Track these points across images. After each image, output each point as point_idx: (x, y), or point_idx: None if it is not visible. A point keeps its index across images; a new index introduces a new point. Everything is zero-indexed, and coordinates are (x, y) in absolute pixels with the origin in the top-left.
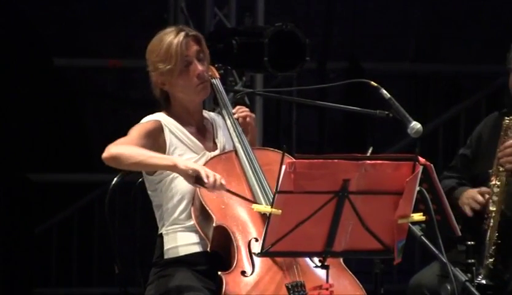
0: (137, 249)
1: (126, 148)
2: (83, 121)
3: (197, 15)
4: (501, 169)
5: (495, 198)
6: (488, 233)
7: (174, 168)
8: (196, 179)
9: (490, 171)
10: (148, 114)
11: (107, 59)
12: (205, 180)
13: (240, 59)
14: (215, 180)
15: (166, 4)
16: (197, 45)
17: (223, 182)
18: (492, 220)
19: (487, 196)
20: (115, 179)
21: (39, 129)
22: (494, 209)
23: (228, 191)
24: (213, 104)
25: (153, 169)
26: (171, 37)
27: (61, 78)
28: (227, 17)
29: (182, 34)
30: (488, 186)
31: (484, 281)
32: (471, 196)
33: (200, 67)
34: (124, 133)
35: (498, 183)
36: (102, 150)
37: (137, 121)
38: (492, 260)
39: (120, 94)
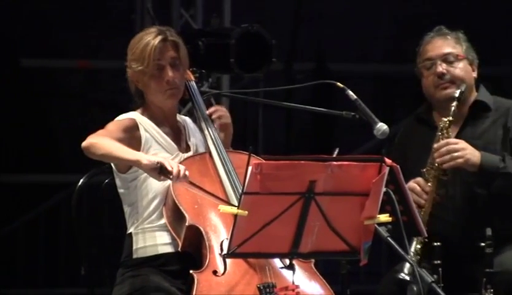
0: (104, 250)
1: (100, 139)
2: (50, 122)
3: (163, 16)
4: (434, 170)
5: (426, 196)
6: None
7: (137, 163)
8: (160, 170)
9: (423, 170)
10: (116, 115)
11: (75, 60)
12: (169, 168)
13: (206, 60)
14: (179, 171)
15: (133, 5)
16: (174, 51)
17: (187, 173)
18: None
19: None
20: (82, 180)
21: (6, 130)
22: (424, 208)
23: (191, 183)
24: (179, 104)
25: (119, 162)
26: (149, 38)
27: (28, 79)
28: (193, 18)
29: (159, 37)
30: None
31: (407, 278)
32: (409, 188)
33: (171, 74)
34: (91, 134)
35: (430, 183)
36: (70, 151)
37: (105, 122)
38: (417, 257)
39: (88, 95)
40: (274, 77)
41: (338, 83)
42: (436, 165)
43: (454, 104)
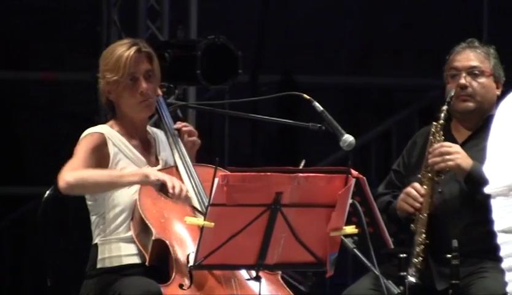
0: (70, 261)
1: (85, 173)
2: (14, 134)
3: (130, 28)
4: (429, 172)
5: (421, 199)
6: (416, 233)
7: (147, 181)
8: (160, 187)
9: (419, 175)
10: (80, 127)
11: (39, 72)
12: (171, 190)
13: (173, 72)
14: (180, 192)
15: (99, 17)
16: (148, 63)
17: (190, 195)
18: (419, 221)
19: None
20: (48, 191)
21: None
22: (422, 210)
23: (192, 207)
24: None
25: (126, 186)
26: (123, 49)
27: None
28: (160, 30)
29: (134, 48)
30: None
31: (413, 279)
32: (405, 193)
33: (145, 85)
34: (55, 146)
35: (425, 186)
36: (35, 163)
37: (69, 134)
38: (420, 259)
39: (52, 107)
40: (240, 89)
41: (304, 95)
42: (429, 167)
43: (444, 107)
